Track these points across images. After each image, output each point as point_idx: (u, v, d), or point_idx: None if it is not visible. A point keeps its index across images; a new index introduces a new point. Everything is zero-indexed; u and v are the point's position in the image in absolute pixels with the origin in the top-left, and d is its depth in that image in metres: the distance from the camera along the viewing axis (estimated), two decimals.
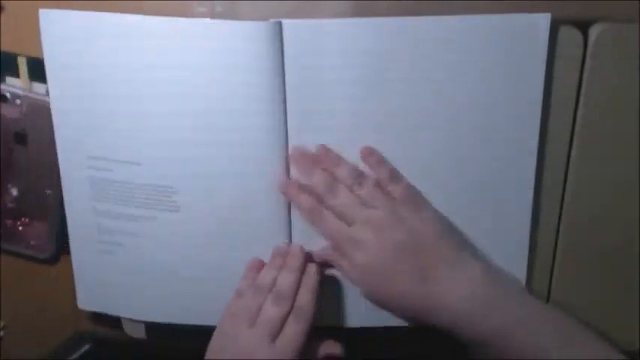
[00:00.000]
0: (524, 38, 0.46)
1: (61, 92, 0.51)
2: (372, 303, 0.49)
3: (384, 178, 0.49)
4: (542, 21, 0.46)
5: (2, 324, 0.61)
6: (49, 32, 0.49)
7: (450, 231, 0.49)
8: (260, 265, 0.51)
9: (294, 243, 0.51)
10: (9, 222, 0.58)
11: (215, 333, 0.49)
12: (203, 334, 0.50)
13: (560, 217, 0.52)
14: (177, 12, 0.50)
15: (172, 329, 0.54)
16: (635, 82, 0.48)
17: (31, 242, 0.58)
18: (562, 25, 0.47)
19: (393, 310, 0.49)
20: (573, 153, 0.50)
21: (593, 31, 0.47)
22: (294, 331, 0.46)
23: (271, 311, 0.47)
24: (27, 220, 0.57)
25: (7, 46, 0.53)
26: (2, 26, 0.53)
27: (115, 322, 0.58)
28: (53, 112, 0.52)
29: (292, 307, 0.47)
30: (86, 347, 0.58)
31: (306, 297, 0.48)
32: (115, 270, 0.54)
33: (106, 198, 0.52)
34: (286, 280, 0.48)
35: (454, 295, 0.45)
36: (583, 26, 0.48)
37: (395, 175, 0.49)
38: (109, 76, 0.49)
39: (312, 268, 0.50)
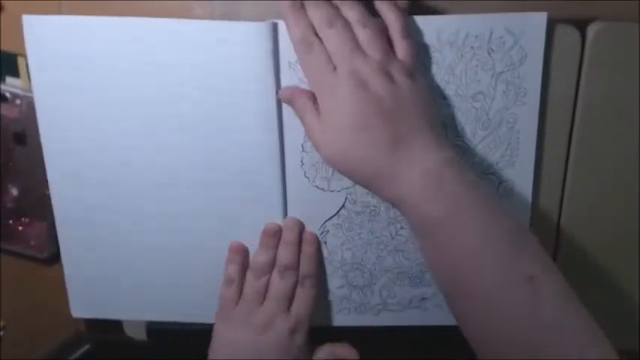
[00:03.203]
0: (521, 37, 0.46)
1: (47, 99, 0.50)
2: (328, 161, 0.45)
3: (394, 30, 0.44)
4: (538, 20, 0.46)
5: (2, 324, 0.60)
6: (33, 38, 0.48)
7: (433, 108, 0.45)
8: (241, 248, 0.51)
9: (287, 217, 0.51)
10: (9, 222, 0.57)
11: (218, 324, 0.51)
12: (203, 334, 0.51)
13: (559, 217, 0.52)
14: (177, 13, 0.51)
15: (173, 330, 0.54)
16: (632, 80, 0.48)
17: (31, 242, 0.57)
18: (560, 23, 0.47)
19: (350, 171, 0.44)
20: (572, 152, 0.50)
21: (591, 30, 0.48)
22: (305, 299, 0.50)
23: (280, 285, 0.50)
24: (27, 220, 0.57)
25: (7, 46, 0.53)
26: (2, 26, 0.53)
27: (115, 322, 0.58)
28: (39, 118, 0.50)
29: (297, 277, 0.50)
30: (86, 347, 0.58)
31: (307, 265, 0.51)
32: (109, 272, 0.54)
33: (98, 200, 0.52)
34: (287, 253, 0.50)
35: (417, 171, 0.41)
36: (581, 25, 0.48)
37: (407, 33, 0.44)
38: (98, 79, 0.48)
39: (307, 235, 0.51)
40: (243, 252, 0.51)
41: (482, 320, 0.40)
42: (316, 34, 0.44)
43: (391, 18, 0.44)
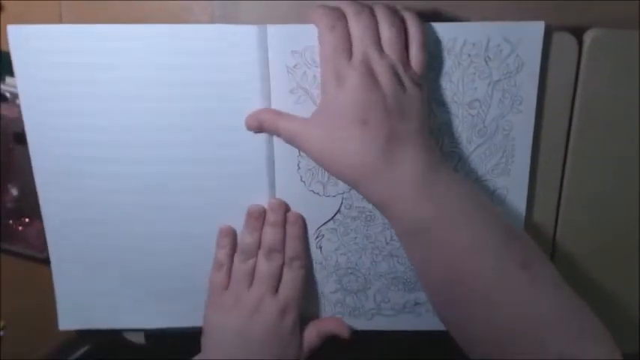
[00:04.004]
0: (518, 46, 0.46)
1: (35, 107, 0.50)
2: (316, 155, 0.44)
3: (414, 40, 0.44)
4: (535, 29, 0.46)
5: (2, 324, 0.61)
6: (20, 48, 0.48)
7: (426, 116, 0.45)
8: (231, 231, 0.52)
9: (271, 199, 0.51)
10: (9, 222, 0.58)
11: (208, 310, 0.52)
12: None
13: (555, 227, 0.52)
14: (176, 13, 0.51)
15: (172, 333, 0.55)
16: (630, 87, 0.48)
17: (31, 242, 0.58)
18: (557, 30, 0.47)
19: (339, 166, 0.44)
20: (568, 160, 0.50)
21: (588, 37, 0.48)
22: (292, 280, 0.51)
23: (266, 267, 0.50)
24: (27, 220, 0.58)
25: (7, 46, 0.53)
26: (2, 26, 0.53)
27: None
28: (27, 126, 0.50)
29: (284, 258, 0.51)
30: (86, 348, 0.59)
31: (294, 246, 0.51)
32: (102, 280, 0.54)
33: (88, 207, 0.52)
34: (271, 235, 0.50)
35: (409, 169, 0.42)
36: (578, 32, 0.48)
37: (425, 47, 0.45)
38: (86, 86, 0.48)
39: (291, 217, 0.51)
40: (233, 236, 0.52)
41: (482, 314, 0.40)
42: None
43: (414, 28, 0.44)
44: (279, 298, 0.50)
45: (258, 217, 0.50)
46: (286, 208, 0.51)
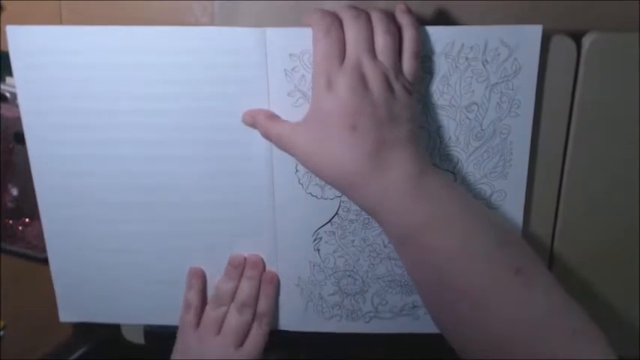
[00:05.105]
0: (515, 50, 0.46)
1: (34, 108, 0.50)
2: (304, 159, 0.44)
3: (408, 48, 0.44)
4: (533, 33, 0.46)
5: (2, 324, 0.61)
6: (18, 49, 0.48)
7: (418, 129, 0.46)
8: (201, 273, 0.53)
9: (251, 254, 0.53)
10: (9, 222, 0.58)
11: (177, 346, 0.53)
12: None
13: (553, 230, 0.52)
14: (176, 12, 0.51)
15: (171, 334, 0.55)
16: (628, 91, 0.48)
17: (31, 242, 0.58)
18: (556, 33, 0.47)
19: (327, 170, 0.43)
20: (566, 164, 0.50)
21: (587, 40, 0.47)
22: (257, 336, 0.52)
23: (236, 320, 0.52)
24: (27, 220, 0.58)
25: (7, 47, 0.53)
26: (2, 26, 0.53)
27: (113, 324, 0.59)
28: (25, 127, 0.50)
29: (254, 314, 0.52)
30: (86, 347, 0.59)
31: (266, 304, 0.53)
32: (98, 276, 0.55)
33: (86, 205, 0.52)
34: (247, 289, 0.52)
35: (398, 175, 0.42)
36: (577, 36, 0.48)
37: (418, 55, 0.45)
38: (85, 87, 0.48)
39: (267, 276, 0.53)
40: (202, 277, 0.53)
41: (473, 316, 0.40)
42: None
43: (409, 35, 0.44)
44: (242, 352, 0.51)
45: (237, 266, 0.52)
46: (263, 266, 0.53)
